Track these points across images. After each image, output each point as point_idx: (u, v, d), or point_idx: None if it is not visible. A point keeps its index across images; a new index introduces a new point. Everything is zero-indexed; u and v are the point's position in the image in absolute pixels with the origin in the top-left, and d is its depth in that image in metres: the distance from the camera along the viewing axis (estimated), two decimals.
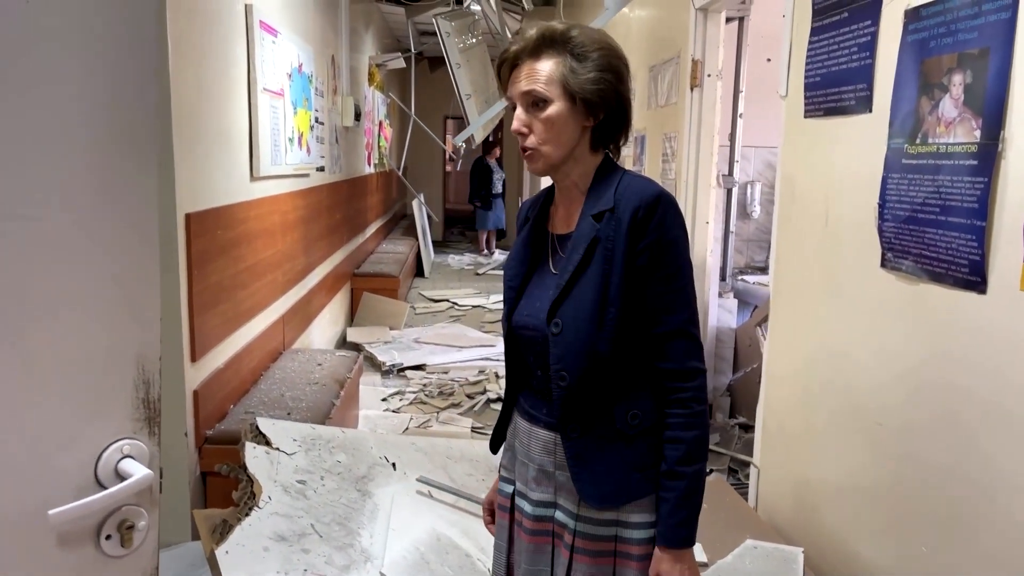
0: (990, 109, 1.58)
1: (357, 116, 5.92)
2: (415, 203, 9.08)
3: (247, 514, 2.21)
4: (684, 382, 1.27)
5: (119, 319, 0.88)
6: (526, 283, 1.38)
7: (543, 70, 1.27)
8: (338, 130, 5.51)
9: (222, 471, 2.47)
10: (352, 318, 6.29)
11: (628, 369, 1.29)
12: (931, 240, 1.76)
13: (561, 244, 1.36)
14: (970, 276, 1.63)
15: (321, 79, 4.87)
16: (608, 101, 1.29)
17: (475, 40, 5.18)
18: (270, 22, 3.58)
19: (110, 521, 0.88)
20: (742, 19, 4.08)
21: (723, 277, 4.24)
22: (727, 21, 3.71)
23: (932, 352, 1.80)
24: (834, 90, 2.21)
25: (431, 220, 9.82)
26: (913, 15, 1.84)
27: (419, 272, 8.90)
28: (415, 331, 6.09)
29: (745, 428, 3.77)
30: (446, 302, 7.43)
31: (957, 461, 1.71)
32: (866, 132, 2.04)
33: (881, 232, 1.95)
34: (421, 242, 9.02)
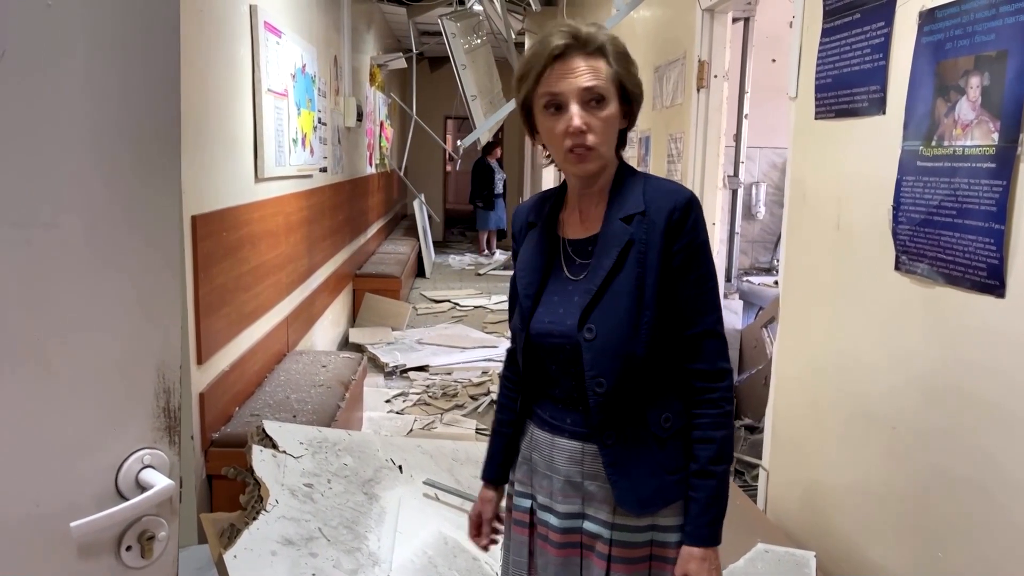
0: (1008, 112, 1.56)
1: (359, 116, 5.90)
2: (416, 203, 9.06)
3: (254, 518, 2.20)
4: (715, 382, 1.28)
5: (139, 327, 0.86)
6: (542, 290, 1.35)
7: (600, 67, 1.25)
8: (340, 131, 5.50)
9: (229, 474, 2.46)
10: (354, 319, 6.27)
11: (659, 372, 1.29)
12: (947, 243, 1.74)
13: (576, 249, 1.34)
14: (988, 279, 1.62)
15: (324, 79, 4.86)
16: (640, 104, 1.31)
17: (480, 41, 5.16)
18: (274, 23, 3.56)
19: (130, 532, 0.87)
20: (747, 19, 4.07)
21: (728, 278, 4.23)
22: (732, 21, 3.69)
23: (947, 355, 1.78)
24: (846, 91, 2.20)
25: (432, 220, 9.81)
26: (928, 16, 1.83)
27: (420, 272, 8.89)
28: (417, 332, 6.07)
29: (751, 430, 3.76)
30: (448, 302, 7.41)
31: (973, 466, 1.70)
32: (879, 134, 2.03)
33: (895, 235, 1.94)
34: (422, 242, 9.01)
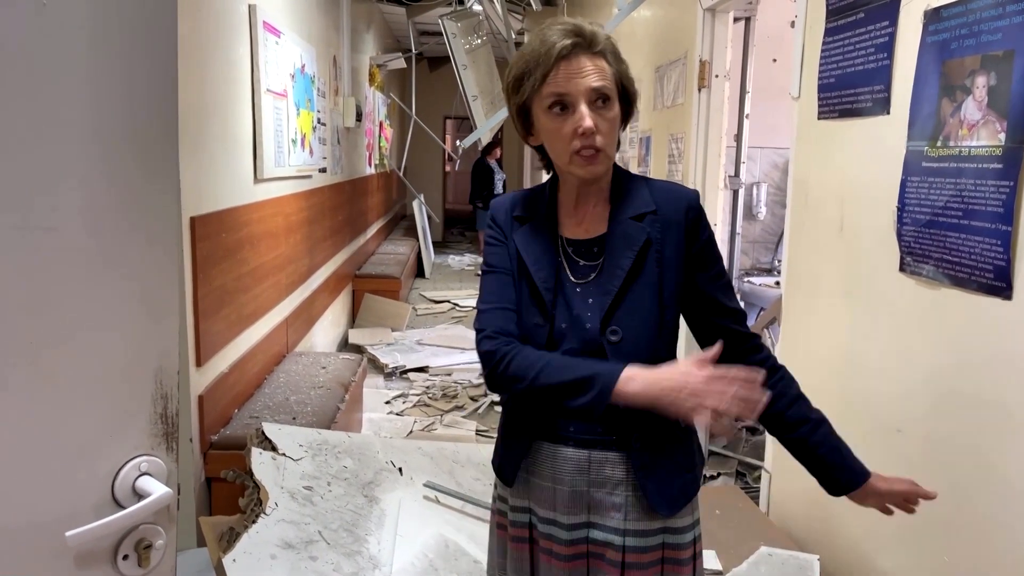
0: (1015, 111, 1.55)
1: (359, 117, 5.88)
2: (415, 203, 9.04)
3: (254, 521, 2.18)
4: (764, 352, 1.33)
5: (136, 333, 0.85)
6: (558, 287, 1.30)
7: (604, 67, 1.22)
8: (339, 131, 5.48)
9: (228, 477, 2.44)
10: (354, 320, 6.25)
11: None
12: (953, 244, 1.73)
13: (578, 250, 1.30)
14: (995, 281, 1.60)
15: (323, 80, 4.84)
16: (636, 104, 1.30)
17: (480, 41, 5.14)
18: (273, 22, 3.54)
19: (127, 541, 0.86)
20: (748, 19, 4.05)
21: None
22: (733, 21, 3.67)
23: (953, 357, 1.77)
24: (850, 91, 2.18)
25: (431, 220, 9.79)
26: (933, 16, 1.81)
27: (419, 273, 8.87)
28: (417, 332, 6.05)
29: (752, 431, 3.74)
30: (447, 303, 7.39)
31: (979, 470, 1.68)
32: (883, 134, 2.01)
33: (900, 236, 1.92)
34: (421, 243, 8.99)
